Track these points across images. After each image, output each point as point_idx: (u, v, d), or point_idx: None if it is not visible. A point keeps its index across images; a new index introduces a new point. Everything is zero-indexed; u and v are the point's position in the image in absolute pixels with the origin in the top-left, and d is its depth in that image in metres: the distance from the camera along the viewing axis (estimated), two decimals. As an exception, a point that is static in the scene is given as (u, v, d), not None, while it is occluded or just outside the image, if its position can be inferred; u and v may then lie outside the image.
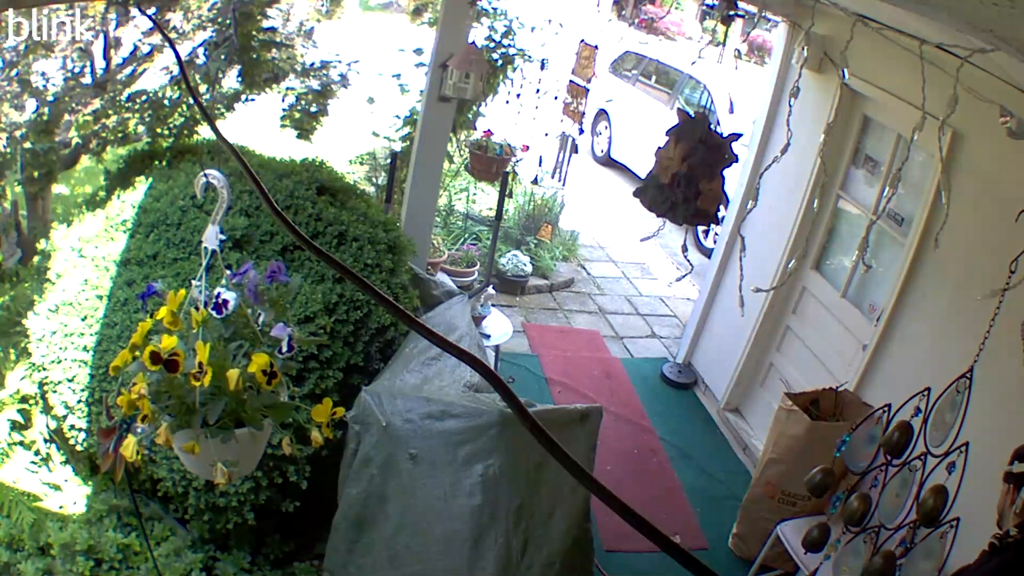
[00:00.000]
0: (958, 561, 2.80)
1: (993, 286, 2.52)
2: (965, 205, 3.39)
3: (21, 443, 3.86)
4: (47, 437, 3.93)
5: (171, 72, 4.91)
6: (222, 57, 4.76)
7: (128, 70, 4.99)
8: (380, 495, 3.30)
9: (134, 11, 4.68)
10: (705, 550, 4.34)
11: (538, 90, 7.02)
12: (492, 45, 5.89)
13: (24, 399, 3.90)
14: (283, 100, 5.49)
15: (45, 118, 4.55)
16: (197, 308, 1.97)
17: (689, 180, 3.79)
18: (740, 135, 3.97)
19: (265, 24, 5.10)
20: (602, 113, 10.77)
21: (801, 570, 3.59)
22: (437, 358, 3.80)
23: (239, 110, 5.28)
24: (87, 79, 4.80)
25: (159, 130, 5.01)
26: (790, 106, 3.57)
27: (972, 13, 1.92)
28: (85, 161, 5.46)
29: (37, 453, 3.89)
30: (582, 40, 7.71)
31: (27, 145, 4.55)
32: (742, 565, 4.21)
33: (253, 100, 5.29)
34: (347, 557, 3.34)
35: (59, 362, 3.67)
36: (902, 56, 3.41)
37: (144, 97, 4.92)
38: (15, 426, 3.85)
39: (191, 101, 4.90)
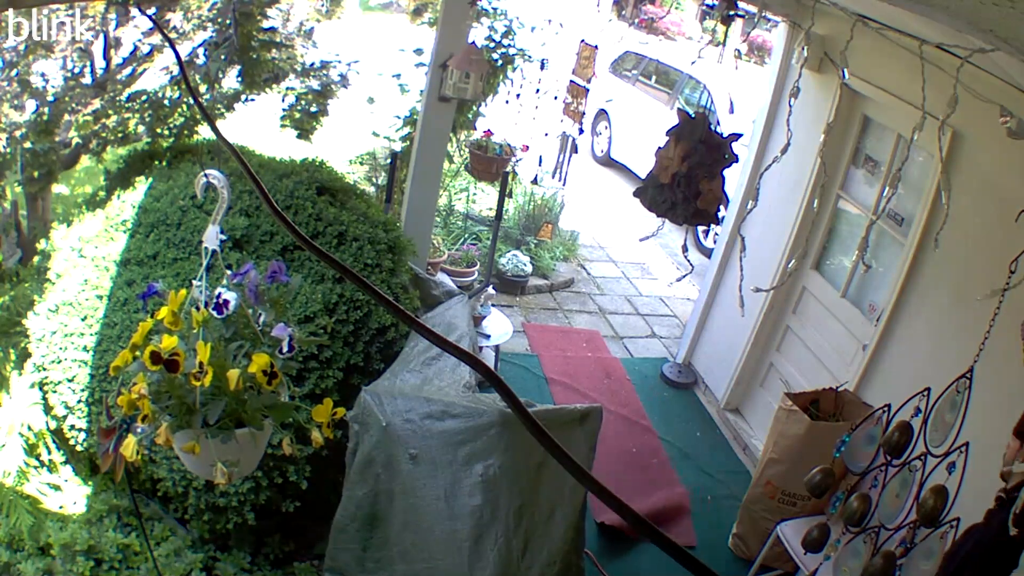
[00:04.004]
0: (958, 561, 2.79)
1: (993, 286, 2.52)
2: (965, 205, 3.39)
3: (23, 446, 3.86)
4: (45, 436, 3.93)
5: (171, 72, 4.92)
6: (222, 57, 4.77)
7: (128, 70, 4.99)
8: (388, 492, 3.31)
9: (134, 11, 4.68)
10: (705, 550, 4.34)
11: (538, 90, 7.01)
12: (492, 45, 5.89)
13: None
14: (283, 100, 5.50)
15: (45, 118, 4.55)
16: (198, 308, 1.97)
17: (689, 180, 3.79)
18: (740, 135, 3.96)
19: (265, 24, 5.10)
20: (602, 113, 10.77)
21: (801, 570, 3.59)
22: (437, 358, 3.81)
23: (239, 110, 5.29)
24: (87, 79, 4.80)
25: (159, 130, 5.01)
26: (790, 106, 3.56)
27: (972, 13, 1.92)
28: (85, 161, 5.46)
29: (38, 457, 3.89)
30: (582, 40, 7.70)
31: (27, 145, 4.55)
32: (742, 565, 4.21)
33: (253, 100, 5.30)
34: (362, 555, 3.35)
35: (59, 362, 3.67)
36: (902, 56, 3.41)
37: (144, 97, 4.92)
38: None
39: (191, 101, 4.91)
